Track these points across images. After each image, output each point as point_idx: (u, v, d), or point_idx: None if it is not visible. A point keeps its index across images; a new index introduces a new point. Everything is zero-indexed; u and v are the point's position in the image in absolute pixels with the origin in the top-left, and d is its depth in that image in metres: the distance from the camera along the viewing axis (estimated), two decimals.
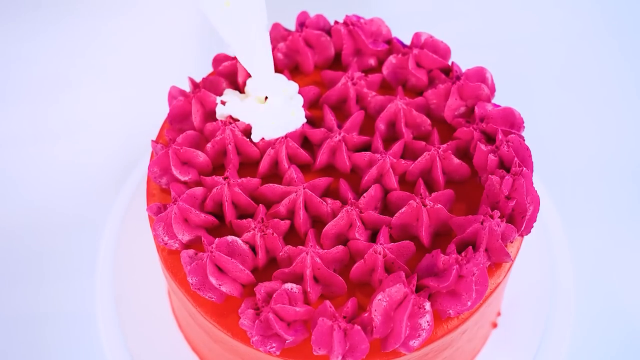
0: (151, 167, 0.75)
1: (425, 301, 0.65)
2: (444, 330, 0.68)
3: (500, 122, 0.76)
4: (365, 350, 0.64)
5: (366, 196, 0.72)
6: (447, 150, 0.75)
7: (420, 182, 0.73)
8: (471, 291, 0.66)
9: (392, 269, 0.69)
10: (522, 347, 0.86)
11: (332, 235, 0.71)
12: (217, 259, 0.67)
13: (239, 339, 0.67)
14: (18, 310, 0.93)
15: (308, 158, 0.76)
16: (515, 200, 0.70)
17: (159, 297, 0.89)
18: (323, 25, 0.84)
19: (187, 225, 0.71)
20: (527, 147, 0.73)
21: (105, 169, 1.04)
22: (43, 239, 0.98)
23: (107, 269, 0.91)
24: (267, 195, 0.73)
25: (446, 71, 0.81)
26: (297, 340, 0.66)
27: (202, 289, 0.68)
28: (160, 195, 0.76)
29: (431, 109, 0.80)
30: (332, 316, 0.65)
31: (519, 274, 0.84)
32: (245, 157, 0.77)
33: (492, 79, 0.80)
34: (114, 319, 0.88)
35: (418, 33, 0.82)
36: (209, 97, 0.78)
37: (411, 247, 0.70)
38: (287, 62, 0.84)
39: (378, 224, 0.71)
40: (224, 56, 0.83)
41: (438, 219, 0.71)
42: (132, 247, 0.92)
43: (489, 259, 0.69)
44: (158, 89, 0.90)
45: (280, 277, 0.68)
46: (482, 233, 0.68)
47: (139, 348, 0.86)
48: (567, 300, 0.89)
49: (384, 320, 0.65)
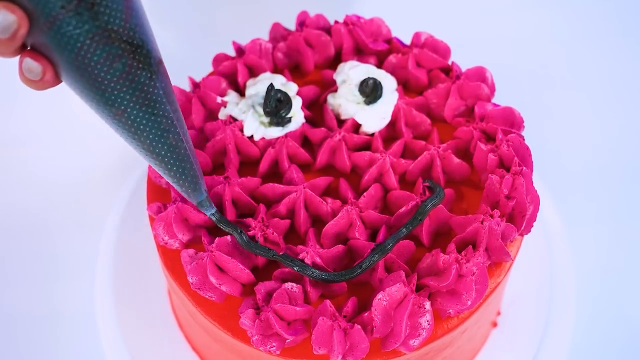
0: (151, 167, 0.75)
1: (425, 300, 0.65)
2: (444, 329, 0.68)
3: (500, 121, 0.76)
4: (366, 350, 0.64)
5: (366, 195, 0.72)
6: (447, 150, 0.75)
7: (420, 182, 0.73)
8: (471, 290, 0.66)
9: (392, 268, 0.69)
10: (522, 347, 0.86)
11: (332, 234, 0.71)
12: (217, 258, 0.67)
13: (239, 338, 0.67)
14: (18, 310, 0.93)
15: (308, 157, 0.76)
16: (515, 199, 0.70)
17: (159, 297, 0.89)
18: (323, 25, 0.84)
19: (187, 224, 0.71)
20: (527, 146, 0.73)
21: (105, 169, 1.04)
22: (43, 239, 0.98)
23: (107, 269, 0.91)
24: (268, 194, 0.73)
25: (446, 71, 0.81)
26: (297, 339, 0.66)
27: (202, 289, 0.68)
28: (160, 195, 0.76)
29: (431, 108, 0.80)
30: (332, 315, 0.65)
31: (519, 273, 0.84)
32: (245, 157, 0.77)
33: (492, 79, 0.80)
34: (114, 319, 0.88)
35: (418, 33, 0.82)
36: (209, 96, 0.78)
37: (411, 247, 0.70)
38: (287, 61, 0.84)
39: (378, 224, 0.71)
40: (224, 56, 0.83)
41: (438, 219, 0.71)
42: (132, 247, 0.92)
43: (489, 259, 0.69)
44: None
45: (280, 277, 0.68)
46: (482, 232, 0.68)
47: (139, 348, 0.86)
48: (567, 300, 0.89)
49: (384, 320, 0.65)
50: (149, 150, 0.61)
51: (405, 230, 0.69)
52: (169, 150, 0.61)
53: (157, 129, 0.60)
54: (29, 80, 0.56)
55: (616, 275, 0.95)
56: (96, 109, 0.58)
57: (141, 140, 0.60)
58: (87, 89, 0.56)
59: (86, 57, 0.54)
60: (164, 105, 0.59)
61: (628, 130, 1.08)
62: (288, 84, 0.79)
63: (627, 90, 1.13)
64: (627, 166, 1.04)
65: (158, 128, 0.60)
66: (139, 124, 0.59)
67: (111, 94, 0.56)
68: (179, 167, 0.63)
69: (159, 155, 0.62)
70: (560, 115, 1.09)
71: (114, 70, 0.55)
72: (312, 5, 0.88)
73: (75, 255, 0.96)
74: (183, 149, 0.62)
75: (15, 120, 1.10)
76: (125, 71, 0.56)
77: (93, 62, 0.55)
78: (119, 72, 0.56)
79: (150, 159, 0.62)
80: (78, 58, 0.54)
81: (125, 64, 0.56)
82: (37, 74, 0.55)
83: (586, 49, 1.17)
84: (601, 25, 1.20)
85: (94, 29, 0.53)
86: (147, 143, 0.60)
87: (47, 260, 0.96)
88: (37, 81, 0.55)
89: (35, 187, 1.03)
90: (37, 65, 0.55)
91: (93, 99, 0.57)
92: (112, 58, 0.55)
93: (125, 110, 0.58)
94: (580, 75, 1.14)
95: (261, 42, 0.82)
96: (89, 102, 0.58)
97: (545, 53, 1.16)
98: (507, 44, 1.16)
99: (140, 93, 0.57)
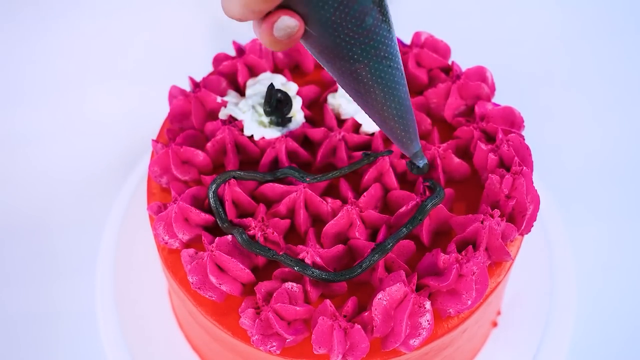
0: (151, 167, 0.75)
1: (425, 300, 0.65)
2: (444, 329, 0.68)
3: (501, 121, 0.76)
4: (366, 349, 0.64)
5: (366, 195, 0.72)
6: (447, 150, 0.75)
7: (420, 181, 0.73)
8: (471, 290, 0.66)
9: (392, 268, 0.69)
10: (522, 347, 0.86)
11: (332, 234, 0.71)
12: (218, 258, 0.67)
13: (239, 338, 0.67)
14: (18, 310, 0.93)
15: (308, 157, 0.76)
16: (516, 199, 0.70)
17: (159, 297, 0.89)
18: None
19: (187, 224, 0.71)
20: (527, 146, 0.73)
21: (105, 169, 1.04)
22: (43, 238, 0.98)
23: (107, 268, 0.91)
24: (268, 194, 0.73)
25: (446, 70, 0.81)
26: (297, 339, 0.66)
27: (203, 288, 0.68)
28: (161, 194, 0.76)
29: (431, 108, 0.80)
30: (332, 315, 0.65)
31: (519, 273, 0.84)
32: (245, 156, 0.77)
33: (492, 78, 0.80)
34: (114, 319, 0.88)
35: (418, 32, 0.82)
36: (209, 96, 0.78)
37: (411, 247, 0.70)
38: (287, 61, 0.84)
39: (378, 223, 0.71)
40: (224, 56, 0.83)
41: (438, 218, 0.71)
42: (132, 246, 0.92)
43: (489, 258, 0.69)
44: (158, 88, 0.90)
45: (280, 276, 0.68)
46: (482, 232, 0.68)
47: (139, 348, 0.86)
48: (567, 300, 0.89)
49: (384, 319, 0.65)
50: (381, 103, 0.61)
51: (405, 230, 0.69)
52: (398, 103, 0.62)
53: (392, 81, 0.60)
54: (276, 41, 0.55)
55: (616, 275, 0.95)
56: (336, 65, 0.59)
57: (375, 93, 0.60)
58: (333, 45, 0.57)
59: (344, 12, 0.55)
60: (398, 57, 0.60)
61: (628, 130, 1.08)
62: (288, 84, 0.79)
63: (627, 90, 1.13)
64: (627, 166, 1.04)
65: (392, 80, 0.60)
66: (377, 76, 0.59)
67: (358, 47, 0.57)
68: (404, 119, 0.63)
69: (389, 108, 0.62)
70: (560, 115, 1.09)
71: (364, 24, 0.56)
72: None
73: (76, 254, 0.96)
74: (408, 100, 0.63)
75: (16, 120, 1.10)
76: (373, 24, 0.56)
77: (349, 17, 0.55)
78: (369, 25, 0.56)
79: (376, 112, 0.62)
80: (336, 13, 0.55)
81: (374, 17, 0.56)
82: (293, 31, 0.55)
83: (586, 49, 1.17)
84: (601, 25, 1.20)
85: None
86: (381, 96, 0.61)
87: (47, 260, 0.96)
88: (287, 40, 0.55)
89: (36, 186, 1.03)
90: (295, 22, 0.54)
91: (337, 56, 0.58)
92: (365, 11, 0.55)
93: (368, 64, 0.58)
94: (580, 76, 1.14)
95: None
96: (330, 59, 0.58)
97: (545, 53, 1.16)
98: (507, 44, 1.16)
99: (382, 46, 0.58)
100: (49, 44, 1.19)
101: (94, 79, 1.15)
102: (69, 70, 1.16)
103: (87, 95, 1.13)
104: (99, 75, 1.16)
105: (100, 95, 1.13)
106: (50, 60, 1.17)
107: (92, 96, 1.13)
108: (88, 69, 1.16)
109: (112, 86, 1.14)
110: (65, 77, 1.15)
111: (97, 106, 1.12)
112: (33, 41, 1.19)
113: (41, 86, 1.14)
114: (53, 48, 1.18)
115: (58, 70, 1.16)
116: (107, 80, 1.15)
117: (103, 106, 1.12)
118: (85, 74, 1.16)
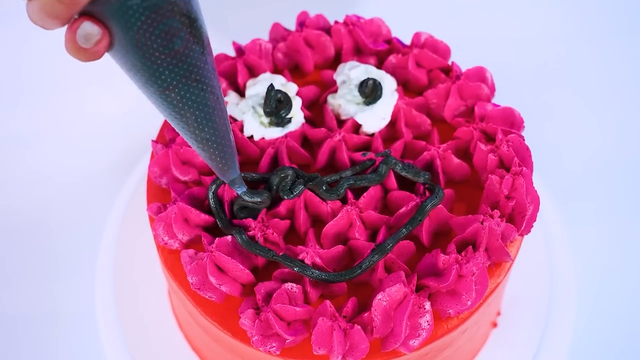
0: (151, 167, 0.75)
1: (425, 301, 0.65)
2: (443, 329, 0.68)
3: (500, 121, 0.76)
4: (365, 350, 0.64)
5: (366, 196, 0.72)
6: (447, 150, 0.75)
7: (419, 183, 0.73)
8: (471, 291, 0.66)
9: (392, 268, 0.69)
10: (522, 347, 0.86)
11: (332, 234, 0.71)
12: (217, 258, 0.67)
13: (239, 338, 0.67)
14: (18, 310, 0.93)
15: (308, 157, 0.76)
16: (515, 199, 0.70)
17: (159, 297, 0.89)
18: (323, 25, 0.84)
19: (187, 225, 0.71)
20: (527, 146, 0.73)
21: (105, 169, 1.04)
22: (43, 238, 0.98)
23: (107, 269, 0.91)
24: None
25: (446, 71, 0.81)
26: (297, 340, 0.66)
27: (202, 289, 0.68)
28: (160, 195, 0.76)
29: (431, 108, 0.80)
30: (332, 316, 0.65)
31: (518, 273, 0.84)
32: (245, 156, 0.77)
33: (492, 79, 0.80)
34: (114, 319, 0.88)
35: (418, 33, 0.82)
36: None
37: (411, 247, 0.70)
38: (287, 61, 0.84)
39: (378, 224, 0.71)
40: (224, 56, 0.83)
41: (438, 219, 0.71)
42: (132, 247, 0.92)
43: (488, 259, 0.69)
44: None
45: (280, 277, 0.68)
46: (482, 233, 0.68)
47: (139, 348, 0.86)
48: (567, 300, 0.89)
49: (384, 320, 0.65)
50: (193, 127, 0.60)
51: (405, 230, 0.69)
52: (212, 127, 0.60)
53: (205, 104, 0.58)
54: (79, 49, 0.52)
55: (616, 276, 0.95)
56: (144, 84, 0.57)
57: (187, 117, 0.59)
58: (140, 64, 0.55)
59: (148, 31, 0.52)
60: (213, 81, 0.58)
61: (628, 130, 1.08)
62: (288, 84, 0.79)
63: (627, 90, 1.12)
64: (627, 166, 1.04)
65: (205, 104, 0.58)
66: (188, 99, 0.57)
67: (165, 68, 0.55)
68: (219, 144, 0.62)
69: (201, 132, 0.60)
70: (560, 115, 1.09)
71: (172, 45, 0.54)
72: (312, 5, 0.88)
73: (75, 255, 0.96)
74: (225, 125, 0.61)
75: (16, 120, 1.10)
76: (182, 45, 0.54)
77: (154, 37, 0.53)
78: (177, 46, 0.54)
79: (190, 136, 0.61)
80: (139, 32, 0.52)
81: (183, 38, 0.54)
82: (94, 40, 0.52)
83: (586, 48, 1.17)
84: (601, 25, 1.20)
85: (160, 2, 0.52)
86: (192, 119, 0.59)
87: (47, 260, 0.96)
88: (90, 49, 0.52)
89: (36, 186, 1.03)
90: (97, 30, 0.52)
91: (144, 75, 0.55)
92: (172, 32, 0.53)
93: (177, 86, 0.56)
94: (581, 75, 1.14)
95: (261, 42, 0.82)
96: (137, 77, 0.56)
97: (545, 53, 1.16)
98: (507, 44, 1.16)
99: (193, 68, 0.56)
100: (49, 44, 1.19)
101: (94, 79, 1.15)
102: (69, 70, 1.16)
103: (87, 95, 1.13)
104: (98, 75, 1.15)
105: (99, 95, 1.13)
106: (50, 61, 1.17)
107: (91, 96, 1.13)
108: (87, 69, 1.16)
109: (111, 86, 1.14)
110: (64, 77, 1.15)
111: (96, 106, 1.12)
112: (33, 41, 1.19)
113: (41, 86, 1.14)
114: (53, 48, 1.18)
115: (57, 70, 1.15)
116: (106, 80, 1.15)
117: (103, 106, 1.11)
118: (84, 74, 1.15)
